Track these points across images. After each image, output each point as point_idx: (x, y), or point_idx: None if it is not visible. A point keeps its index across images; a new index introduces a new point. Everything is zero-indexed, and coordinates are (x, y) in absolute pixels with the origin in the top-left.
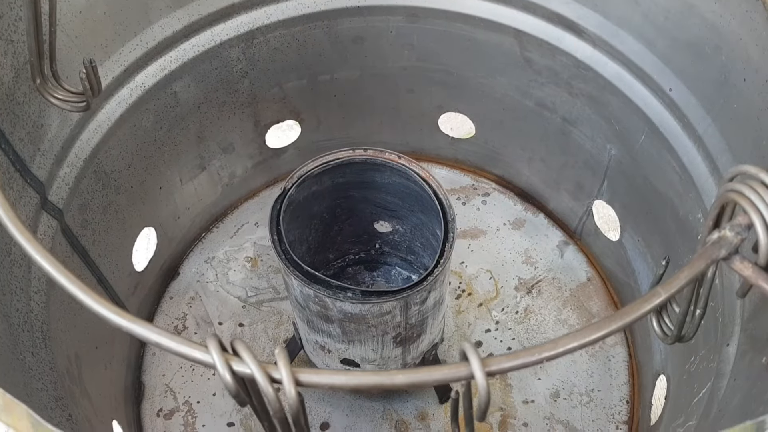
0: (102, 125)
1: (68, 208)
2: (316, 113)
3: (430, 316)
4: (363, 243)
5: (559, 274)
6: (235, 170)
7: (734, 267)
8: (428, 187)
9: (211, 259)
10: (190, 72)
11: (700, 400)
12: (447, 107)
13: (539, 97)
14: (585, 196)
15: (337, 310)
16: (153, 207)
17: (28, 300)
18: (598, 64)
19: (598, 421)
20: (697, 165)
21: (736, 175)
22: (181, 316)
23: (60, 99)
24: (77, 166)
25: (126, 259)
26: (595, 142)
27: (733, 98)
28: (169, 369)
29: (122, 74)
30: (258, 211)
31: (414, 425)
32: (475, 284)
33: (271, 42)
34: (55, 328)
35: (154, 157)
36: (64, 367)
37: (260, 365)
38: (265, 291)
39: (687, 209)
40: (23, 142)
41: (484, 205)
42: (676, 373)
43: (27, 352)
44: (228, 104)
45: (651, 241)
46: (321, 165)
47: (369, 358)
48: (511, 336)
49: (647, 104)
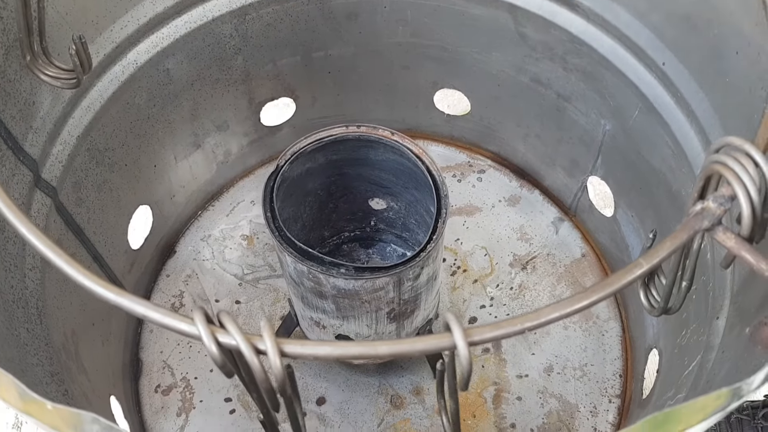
0: (95, 103)
1: (62, 186)
2: (310, 90)
3: (424, 291)
4: (358, 220)
5: (554, 251)
6: (230, 148)
7: (717, 238)
8: (421, 164)
9: (207, 237)
10: (182, 49)
11: (689, 373)
12: (442, 84)
13: (534, 72)
14: (580, 172)
15: (331, 286)
16: (148, 185)
17: (23, 277)
18: (593, 38)
19: (592, 395)
20: (690, 140)
21: (722, 146)
22: (177, 293)
23: (50, 76)
24: (70, 143)
25: (122, 237)
26: (589, 118)
27: (726, 71)
28: (166, 346)
29: (114, 51)
30: (253, 189)
31: (409, 399)
32: (470, 261)
33: (264, 18)
34: (51, 305)
35: (148, 135)
36: (60, 343)
37: (245, 336)
38: (261, 268)
39: (680, 184)
40: (15, 120)
41: (480, 182)
42: (667, 347)
43: (22, 328)
44: (221, 81)
45: (644, 216)
46: (314, 142)
47: (363, 334)
48: (506, 312)
49: (641, 79)
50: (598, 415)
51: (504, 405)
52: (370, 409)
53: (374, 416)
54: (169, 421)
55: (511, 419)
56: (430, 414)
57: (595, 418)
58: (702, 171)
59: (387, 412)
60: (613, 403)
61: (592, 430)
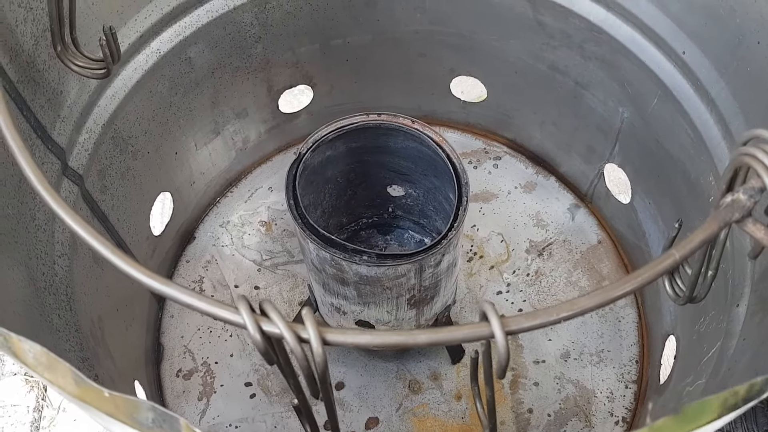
0: (119, 91)
1: (88, 174)
2: (328, 78)
3: (444, 278)
4: (376, 207)
5: (570, 237)
6: (249, 135)
7: (747, 229)
8: (441, 152)
9: (226, 224)
10: (204, 38)
11: (709, 359)
12: (459, 71)
13: (552, 60)
14: (596, 159)
15: (353, 272)
16: (169, 172)
17: (53, 264)
18: (612, 27)
19: (608, 381)
20: (709, 128)
21: (750, 138)
22: (197, 279)
23: (80, 66)
24: (96, 132)
25: (144, 223)
26: (607, 106)
27: (747, 61)
28: (187, 331)
29: (138, 40)
30: (271, 176)
31: (427, 384)
32: (487, 247)
33: (284, 6)
34: (79, 291)
35: (169, 122)
36: (88, 328)
37: (289, 325)
38: (279, 254)
39: (699, 172)
40: (44, 109)
41: (496, 169)
42: (685, 334)
43: (54, 314)
44: (241, 69)
45: (662, 203)
46: (335, 130)
47: (384, 320)
48: (522, 298)
49: (660, 67)
50: (615, 401)
51: (521, 390)
52: (389, 394)
53: (392, 401)
54: (190, 405)
55: (528, 404)
56: (447, 399)
57: (611, 403)
58: (730, 163)
59: (405, 396)
60: (629, 389)
61: (609, 415)
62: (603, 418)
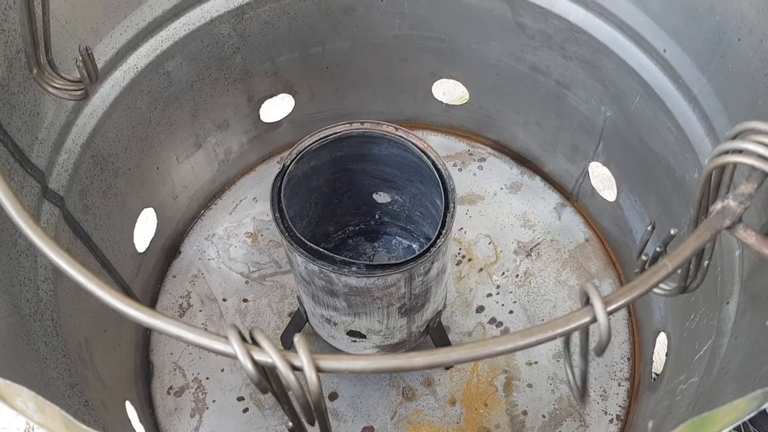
0: (97, 109)
1: (69, 195)
2: (309, 86)
3: (434, 285)
4: (363, 214)
5: (558, 236)
6: (231, 146)
7: (738, 236)
8: (427, 158)
9: (212, 236)
10: (181, 51)
11: (701, 357)
12: (440, 74)
13: (533, 61)
14: (581, 158)
15: (343, 284)
16: (151, 188)
17: (37, 290)
18: (592, 26)
19: (601, 379)
20: (692, 125)
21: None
22: (185, 294)
23: (58, 88)
24: (75, 152)
25: (128, 241)
26: (589, 105)
27: (728, 58)
28: (176, 347)
29: (114, 57)
30: (255, 186)
31: (421, 391)
32: (475, 250)
33: (261, 16)
34: (65, 315)
35: (149, 138)
36: (75, 353)
37: (281, 354)
38: (267, 265)
39: (683, 169)
40: (21, 132)
41: (481, 170)
42: (676, 331)
43: (40, 342)
44: (221, 81)
45: (647, 200)
46: (319, 140)
47: (375, 329)
48: (513, 299)
49: (642, 66)
50: (608, 399)
51: (515, 393)
52: (383, 402)
53: (387, 409)
54: (183, 422)
55: (523, 406)
56: (442, 404)
57: (605, 401)
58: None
59: (399, 404)
60: (622, 387)
61: (603, 413)
62: (597, 417)
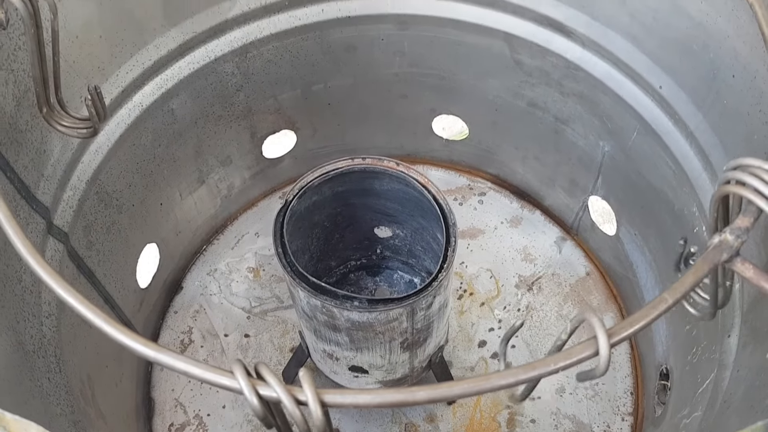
0: (102, 146)
1: (73, 231)
2: (311, 122)
3: (436, 320)
4: (364, 249)
5: (559, 270)
6: (234, 182)
7: (736, 269)
8: (428, 193)
9: (214, 272)
10: (186, 89)
11: (704, 390)
12: (440, 110)
13: (531, 97)
14: (580, 192)
15: (345, 319)
16: (154, 223)
17: (40, 326)
18: (588, 64)
19: (604, 414)
20: (690, 160)
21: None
22: (186, 329)
23: (67, 126)
24: (80, 188)
25: (130, 276)
26: (588, 140)
27: (723, 94)
28: (177, 383)
29: (120, 95)
30: (257, 221)
31: (423, 428)
32: (476, 284)
33: (264, 55)
34: (67, 351)
35: (153, 174)
36: (78, 389)
37: (286, 389)
38: (268, 300)
39: (682, 203)
40: (27, 169)
41: (481, 205)
42: (678, 365)
43: (44, 378)
44: (224, 118)
45: (647, 234)
46: (321, 175)
47: (377, 365)
48: (515, 333)
49: (638, 102)
50: None
51: (518, 428)
52: None
53: None
54: None
55: None
56: None
57: None
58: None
59: None
60: (626, 421)
61: None
62: None
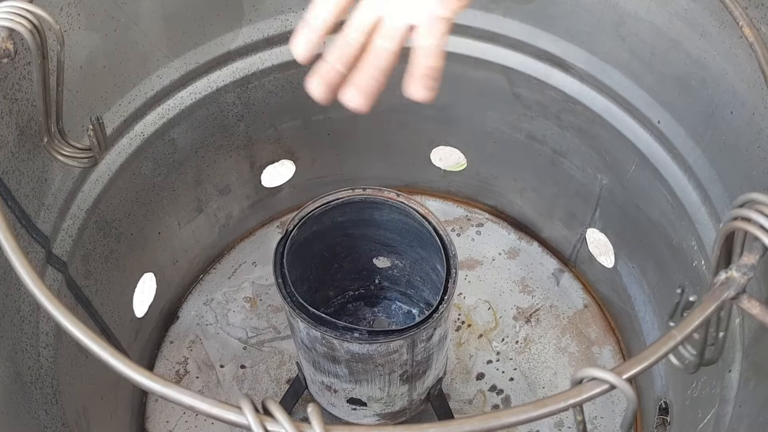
0: (103, 176)
1: (72, 260)
2: (310, 152)
3: (436, 351)
4: (362, 279)
5: (556, 302)
6: (232, 211)
7: (742, 306)
8: (428, 224)
9: (210, 301)
10: (187, 119)
11: (705, 426)
12: (438, 141)
13: (529, 130)
14: (578, 225)
15: (345, 350)
16: (152, 252)
17: (38, 356)
18: (587, 98)
19: None
20: (688, 194)
21: (745, 202)
22: (182, 360)
23: (68, 156)
24: (80, 217)
25: (127, 306)
26: (586, 173)
27: (722, 130)
28: (172, 415)
29: (122, 125)
30: (255, 251)
31: None
32: (474, 315)
33: (266, 86)
34: (64, 381)
35: (152, 203)
36: (73, 421)
37: (295, 425)
38: (265, 331)
39: (680, 237)
40: (28, 198)
41: (479, 236)
42: (678, 399)
43: (41, 410)
44: (224, 147)
45: (645, 267)
46: (322, 206)
47: (376, 397)
48: (513, 366)
49: (636, 136)
50: None
51: None
52: None
53: None
54: None
55: None
56: None
57: None
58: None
59: None
60: None
61: None
62: None
